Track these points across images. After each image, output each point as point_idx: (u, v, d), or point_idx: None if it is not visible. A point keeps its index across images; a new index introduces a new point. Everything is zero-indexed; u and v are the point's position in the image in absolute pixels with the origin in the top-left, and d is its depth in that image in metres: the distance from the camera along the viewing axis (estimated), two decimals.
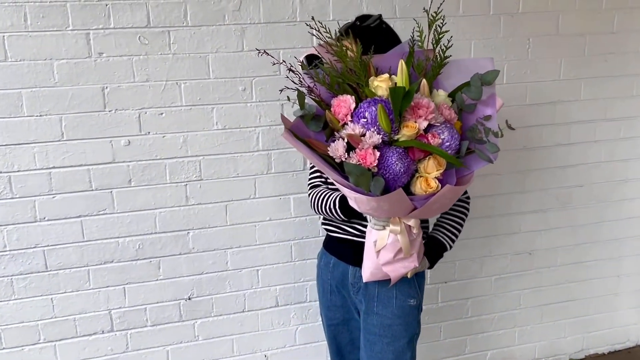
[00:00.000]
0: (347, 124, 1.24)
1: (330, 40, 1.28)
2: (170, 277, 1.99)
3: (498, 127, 1.30)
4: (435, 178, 1.27)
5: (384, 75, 1.27)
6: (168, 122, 1.86)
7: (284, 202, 2.03)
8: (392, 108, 1.21)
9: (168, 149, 1.88)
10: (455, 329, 2.38)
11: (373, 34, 1.42)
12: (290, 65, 1.29)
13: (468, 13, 2.01)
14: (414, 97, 1.22)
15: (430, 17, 1.28)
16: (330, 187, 1.55)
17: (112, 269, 1.93)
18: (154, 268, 1.97)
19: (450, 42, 1.29)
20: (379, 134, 1.21)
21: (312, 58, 1.36)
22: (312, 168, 1.65)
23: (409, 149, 1.25)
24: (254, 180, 1.98)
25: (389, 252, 1.38)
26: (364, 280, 1.46)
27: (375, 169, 1.23)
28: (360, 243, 1.48)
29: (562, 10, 2.11)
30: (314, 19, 1.29)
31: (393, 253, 1.38)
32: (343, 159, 1.23)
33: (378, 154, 1.21)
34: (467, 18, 2.01)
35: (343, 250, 1.58)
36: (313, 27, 1.27)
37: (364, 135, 1.22)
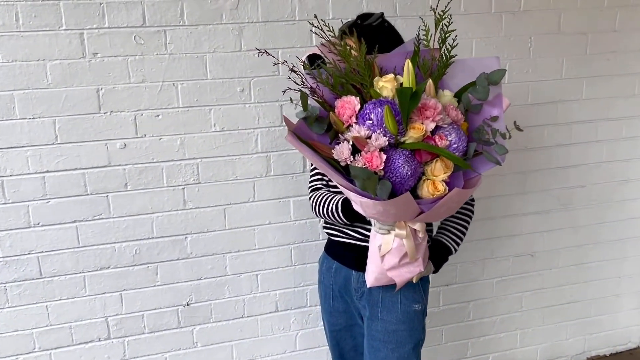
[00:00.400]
0: (351, 126, 1.22)
1: (334, 40, 1.26)
2: (168, 282, 1.97)
3: (505, 128, 1.28)
4: (443, 181, 1.24)
5: (389, 76, 1.24)
6: (165, 124, 1.83)
7: (284, 205, 2.01)
8: (398, 109, 1.19)
9: (165, 152, 1.85)
10: (457, 333, 2.38)
11: (375, 33, 1.40)
12: (293, 66, 1.27)
13: (469, 11, 2.00)
14: (421, 97, 1.20)
15: (437, 15, 1.26)
16: (332, 189, 1.53)
17: (108, 275, 1.91)
18: (152, 274, 1.95)
19: (456, 40, 1.27)
20: (386, 136, 1.19)
21: (314, 58, 1.34)
22: (312, 170, 1.63)
23: (416, 152, 1.23)
24: (253, 183, 1.96)
25: (394, 256, 1.35)
26: (368, 286, 1.44)
27: (382, 172, 1.20)
28: (364, 247, 1.46)
29: (563, 8, 2.10)
30: (317, 17, 1.27)
31: (398, 258, 1.35)
32: (348, 162, 1.20)
33: (384, 157, 1.18)
34: (468, 16, 2.00)
35: (346, 255, 1.56)
36: (315, 25, 1.24)
37: (370, 138, 1.20)
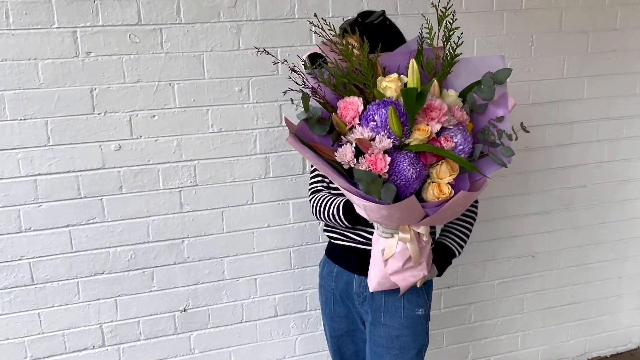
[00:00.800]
0: (354, 128, 1.20)
1: (335, 38, 1.23)
2: (165, 288, 1.95)
3: (512, 128, 1.26)
4: (448, 184, 1.22)
5: (393, 75, 1.22)
6: (161, 125, 1.81)
7: (283, 207, 1.99)
8: (403, 110, 1.16)
9: (161, 154, 1.83)
10: (458, 335, 2.37)
11: (376, 31, 1.38)
12: (293, 65, 1.25)
13: (471, 9, 1.99)
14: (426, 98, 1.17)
15: (440, 12, 1.24)
16: (333, 191, 1.51)
17: (102, 281, 1.88)
18: (147, 279, 1.92)
19: (461, 39, 1.25)
20: (390, 138, 1.17)
21: (315, 57, 1.31)
22: (312, 172, 1.61)
23: (421, 154, 1.20)
24: (252, 185, 1.94)
25: (398, 260, 1.33)
26: (371, 290, 1.42)
27: (386, 175, 1.18)
28: (366, 251, 1.45)
29: (565, 7, 2.10)
30: (316, 16, 1.25)
31: (402, 262, 1.33)
32: (352, 165, 1.18)
33: (389, 159, 1.16)
34: (469, 14, 1.99)
35: (347, 259, 1.54)
36: (316, 24, 1.22)
37: (374, 140, 1.17)
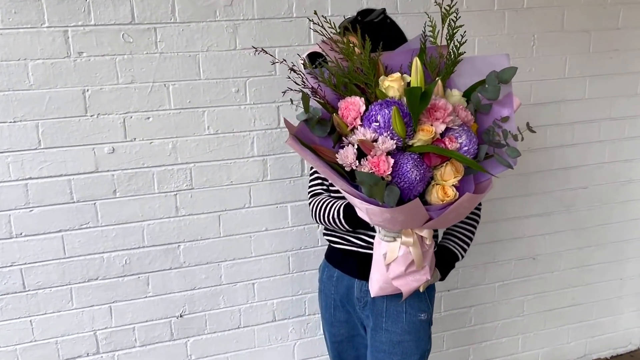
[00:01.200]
0: (356, 129, 1.17)
1: (336, 37, 1.21)
2: (160, 293, 1.93)
3: (517, 129, 1.24)
4: (453, 186, 1.20)
5: (396, 75, 1.20)
6: (155, 127, 1.79)
7: (281, 210, 1.97)
8: (407, 110, 1.14)
9: (156, 156, 1.81)
10: (459, 338, 2.37)
11: (377, 30, 1.36)
12: (293, 65, 1.23)
13: (472, 8, 1.98)
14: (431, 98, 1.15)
15: (444, 10, 1.22)
16: (333, 194, 1.49)
17: (96, 287, 1.86)
18: (143, 284, 1.90)
19: (464, 37, 1.23)
20: (393, 139, 1.14)
21: (314, 56, 1.29)
22: (312, 174, 1.59)
23: (425, 155, 1.18)
24: (249, 188, 1.92)
25: (400, 265, 1.31)
26: (372, 295, 1.40)
27: (389, 178, 1.16)
28: (367, 255, 1.43)
29: (567, 5, 2.09)
30: (316, 13, 1.23)
31: (405, 266, 1.31)
32: (354, 167, 1.16)
33: (392, 161, 1.14)
34: (470, 14, 1.98)
35: (348, 263, 1.52)
36: (316, 22, 1.20)
37: (376, 141, 1.15)
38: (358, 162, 1.15)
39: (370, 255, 1.38)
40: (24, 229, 1.75)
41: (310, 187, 1.57)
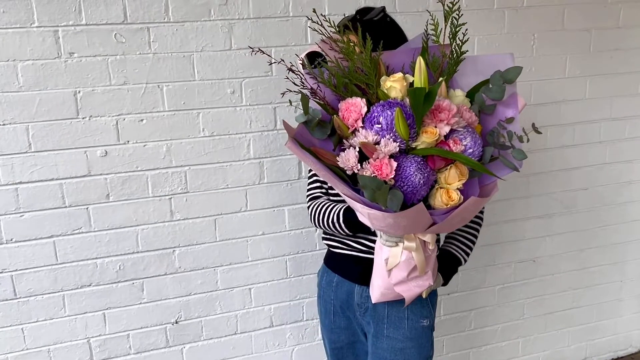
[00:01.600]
0: (357, 131, 1.15)
1: (335, 36, 1.19)
2: (155, 299, 1.92)
3: (522, 130, 1.22)
4: (457, 189, 1.17)
5: (398, 75, 1.17)
6: (149, 129, 1.77)
7: (278, 214, 1.96)
8: (410, 112, 1.11)
9: (150, 159, 1.80)
10: (458, 343, 2.36)
11: (376, 29, 1.35)
12: (291, 65, 1.20)
13: (471, 7, 1.97)
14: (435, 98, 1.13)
15: (447, 7, 1.20)
16: (333, 198, 1.47)
17: (90, 294, 1.85)
18: (137, 290, 1.89)
19: (466, 35, 1.21)
20: (396, 142, 1.12)
21: (313, 56, 1.27)
22: (310, 177, 1.57)
23: (428, 158, 1.15)
24: (245, 192, 1.91)
25: (403, 270, 1.29)
26: (374, 301, 1.38)
27: (392, 181, 1.13)
28: (368, 259, 1.41)
29: (567, 4, 2.08)
30: (315, 11, 1.20)
31: (407, 272, 1.29)
32: (355, 171, 1.13)
33: (395, 165, 1.11)
34: (470, 12, 1.96)
35: (348, 268, 1.50)
36: (314, 21, 1.17)
37: (379, 143, 1.12)
38: (360, 165, 1.12)
39: (371, 260, 1.36)
40: (15, 235, 1.73)
41: (309, 190, 1.55)
